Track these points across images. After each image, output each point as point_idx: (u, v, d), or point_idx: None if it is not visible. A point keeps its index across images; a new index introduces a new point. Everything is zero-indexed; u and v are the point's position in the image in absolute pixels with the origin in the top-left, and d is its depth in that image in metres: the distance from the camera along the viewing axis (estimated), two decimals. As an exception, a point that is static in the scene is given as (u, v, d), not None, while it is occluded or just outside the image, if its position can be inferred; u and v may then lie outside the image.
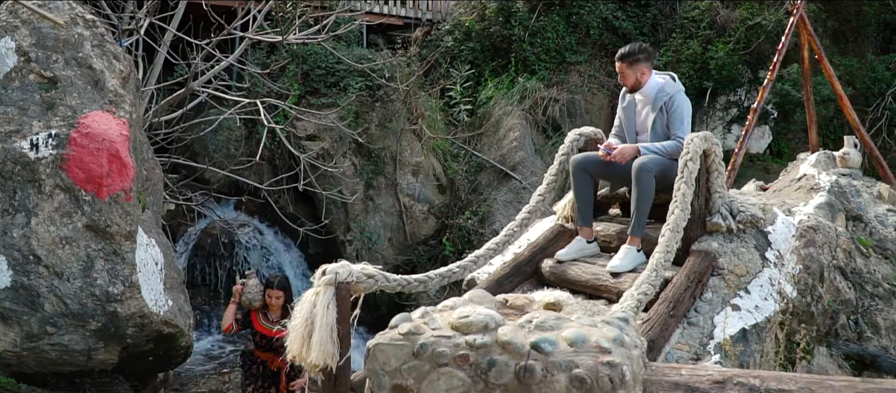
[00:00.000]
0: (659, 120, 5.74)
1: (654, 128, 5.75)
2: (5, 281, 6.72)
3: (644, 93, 5.86)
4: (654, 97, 5.78)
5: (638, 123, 5.93)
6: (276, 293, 7.14)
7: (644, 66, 5.86)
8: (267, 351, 7.16)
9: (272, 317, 7.19)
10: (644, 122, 5.86)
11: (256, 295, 7.15)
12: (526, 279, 5.74)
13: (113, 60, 7.36)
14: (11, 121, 6.89)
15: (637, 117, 5.93)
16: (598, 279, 5.30)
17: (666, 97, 5.71)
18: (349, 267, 5.10)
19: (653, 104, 5.78)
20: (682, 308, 4.69)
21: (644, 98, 5.87)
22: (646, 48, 5.93)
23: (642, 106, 5.90)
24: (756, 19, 13.46)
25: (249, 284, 7.16)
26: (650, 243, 5.40)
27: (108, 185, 6.88)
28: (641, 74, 5.86)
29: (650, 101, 5.82)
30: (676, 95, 5.71)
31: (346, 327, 5.11)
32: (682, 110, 5.70)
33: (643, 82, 5.86)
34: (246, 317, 7.24)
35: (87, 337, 6.97)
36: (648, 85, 5.85)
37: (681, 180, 5.03)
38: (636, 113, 5.95)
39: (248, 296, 7.15)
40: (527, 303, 2.60)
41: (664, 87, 5.78)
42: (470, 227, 11.99)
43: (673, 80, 5.86)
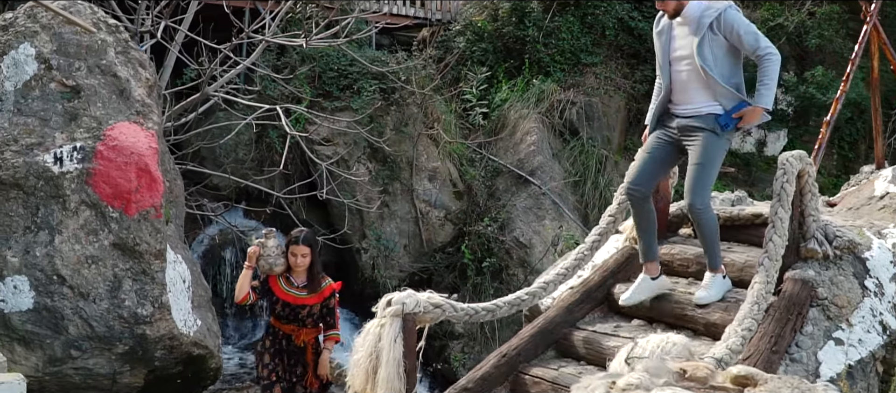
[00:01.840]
0: (709, 42, 5.02)
1: (702, 52, 5.00)
2: (28, 303, 6.42)
3: (684, 14, 5.13)
4: (698, 18, 5.05)
5: (673, 49, 5.21)
6: (301, 250, 6.00)
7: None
8: (291, 322, 6.09)
9: (297, 281, 6.08)
10: (683, 47, 5.14)
11: (277, 259, 5.99)
12: (596, 306, 5.41)
13: (138, 68, 6.98)
14: (32, 132, 6.52)
15: (673, 43, 5.22)
16: (681, 309, 4.98)
17: (715, 14, 5.00)
18: (416, 297, 4.78)
19: (697, 25, 5.05)
20: (783, 343, 4.37)
21: (684, 20, 5.14)
22: None
23: (680, 29, 5.18)
24: (777, 20, 13.18)
25: (269, 246, 6.00)
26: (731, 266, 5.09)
27: (136, 202, 6.53)
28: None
29: (693, 22, 5.08)
30: (728, 11, 5.01)
31: (413, 362, 4.80)
32: (747, 25, 5.03)
33: (684, 3, 5.11)
34: (264, 283, 6.12)
35: (112, 361, 6.67)
36: (690, 6, 5.11)
37: (777, 204, 4.70)
38: (673, 38, 5.23)
39: (267, 260, 5.98)
40: (709, 374, 2.26)
41: (710, 5, 5.06)
42: (490, 234, 11.65)
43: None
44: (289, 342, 6.12)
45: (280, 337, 6.14)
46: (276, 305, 6.07)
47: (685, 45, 5.13)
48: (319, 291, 6.05)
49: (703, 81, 5.06)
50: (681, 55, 5.17)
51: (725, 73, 5.06)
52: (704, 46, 5.02)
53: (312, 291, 6.04)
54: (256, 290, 6.03)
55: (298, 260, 5.98)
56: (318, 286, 6.05)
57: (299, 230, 6.20)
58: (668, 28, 5.26)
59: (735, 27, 4.98)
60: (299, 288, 6.05)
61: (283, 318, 6.08)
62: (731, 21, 4.99)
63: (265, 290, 6.09)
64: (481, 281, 11.56)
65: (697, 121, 5.11)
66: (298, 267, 6.01)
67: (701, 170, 5.02)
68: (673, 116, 5.27)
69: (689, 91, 5.16)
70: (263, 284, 6.08)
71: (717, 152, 5.08)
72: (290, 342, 6.12)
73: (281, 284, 6.05)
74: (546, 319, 5.32)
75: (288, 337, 6.12)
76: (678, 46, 5.18)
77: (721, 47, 5.03)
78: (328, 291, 6.10)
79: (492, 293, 11.44)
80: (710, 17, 5.01)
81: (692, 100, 5.15)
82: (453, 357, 11.36)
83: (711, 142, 5.05)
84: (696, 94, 5.13)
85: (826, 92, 12.74)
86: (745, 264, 5.06)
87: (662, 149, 5.29)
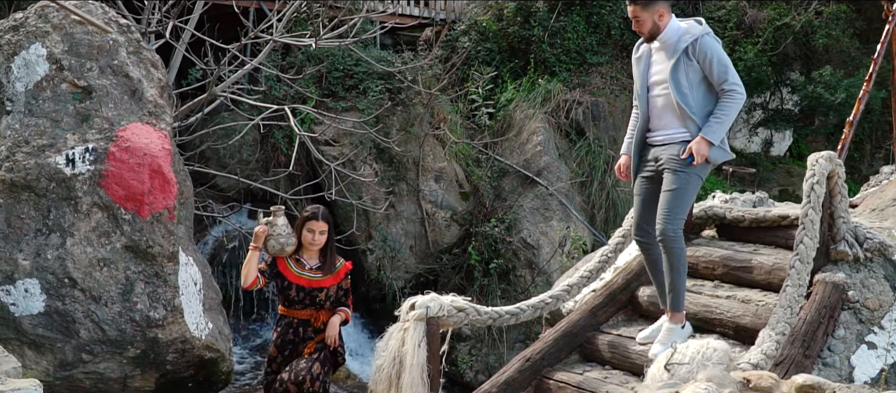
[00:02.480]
0: (684, 68, 4.81)
1: (676, 77, 4.81)
2: (39, 306, 6.32)
3: (661, 38, 4.92)
4: (674, 42, 4.86)
5: (651, 74, 5.02)
6: (320, 226, 5.53)
7: (660, 7, 4.88)
8: (307, 307, 5.60)
9: (309, 262, 5.60)
10: (660, 72, 4.95)
11: (288, 239, 5.48)
12: (621, 309, 5.34)
13: (150, 68, 6.89)
14: (44, 134, 6.43)
15: (651, 68, 5.03)
16: (709, 311, 4.91)
17: (691, 39, 4.80)
18: (439, 300, 4.71)
19: (673, 49, 4.85)
20: (815, 347, 4.30)
21: (661, 44, 4.95)
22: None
23: (657, 53, 4.99)
24: (784, 19, 13.14)
25: (278, 225, 5.46)
26: (759, 269, 5.01)
27: (149, 203, 6.44)
28: (659, 17, 4.88)
29: (669, 46, 4.89)
30: (704, 38, 4.81)
31: (437, 366, 4.73)
32: (721, 55, 4.81)
33: (662, 26, 4.90)
34: (273, 266, 5.61)
35: (123, 364, 6.59)
36: (668, 29, 4.90)
37: (807, 205, 4.63)
38: (651, 64, 5.04)
39: (277, 241, 5.46)
40: (773, 384, 2.20)
41: (688, 30, 4.87)
42: (497, 235, 11.58)
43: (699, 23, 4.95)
44: (306, 329, 5.63)
45: (294, 327, 5.64)
46: (289, 290, 5.58)
47: (662, 70, 4.97)
48: (335, 272, 5.65)
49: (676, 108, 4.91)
50: (657, 80, 5.01)
51: (699, 101, 4.89)
52: (679, 72, 4.86)
53: (328, 272, 5.62)
54: (265, 273, 5.59)
55: (316, 237, 5.52)
56: (333, 266, 5.64)
57: (314, 206, 5.78)
58: (647, 54, 5.10)
59: (709, 55, 4.80)
60: (313, 270, 5.60)
61: (297, 303, 5.59)
62: (707, 48, 4.82)
63: (274, 273, 5.61)
64: (488, 282, 11.49)
65: (671, 147, 4.95)
66: (314, 245, 5.55)
67: (672, 197, 4.85)
68: (649, 147, 5.11)
69: (664, 117, 5.01)
70: (272, 267, 5.61)
71: (689, 178, 4.87)
72: (308, 328, 5.63)
73: (291, 267, 5.59)
74: (570, 323, 5.25)
75: (304, 323, 5.63)
76: (655, 72, 5.03)
77: (696, 74, 4.86)
78: (343, 271, 5.71)
79: (499, 295, 11.39)
80: (686, 42, 4.84)
81: (666, 126, 5.00)
82: (460, 359, 11.29)
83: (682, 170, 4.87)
84: (671, 121, 4.97)
85: (834, 92, 12.71)
86: (773, 267, 4.99)
87: (649, 189, 5.10)
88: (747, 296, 4.99)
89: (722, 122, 4.79)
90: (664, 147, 4.98)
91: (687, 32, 4.88)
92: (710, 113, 4.85)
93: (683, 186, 4.85)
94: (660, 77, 4.98)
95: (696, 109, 4.86)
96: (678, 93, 4.84)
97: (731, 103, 4.79)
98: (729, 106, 4.79)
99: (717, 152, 4.85)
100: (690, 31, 4.87)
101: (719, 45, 4.89)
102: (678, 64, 4.83)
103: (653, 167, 5.05)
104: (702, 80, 4.87)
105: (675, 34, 4.90)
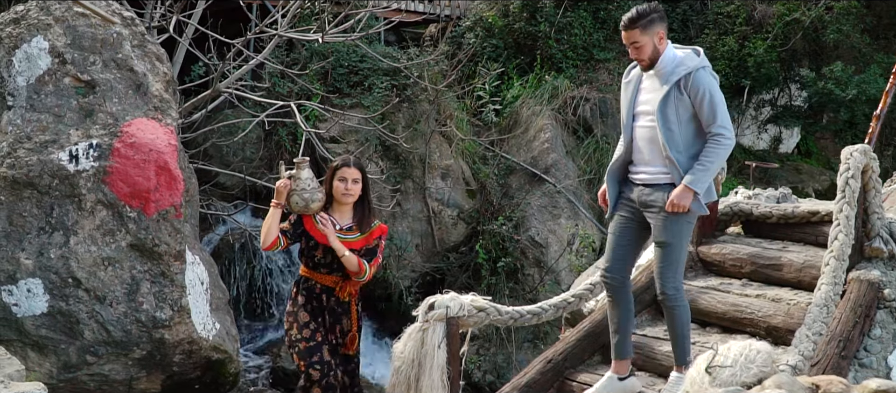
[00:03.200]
0: (674, 101, 4.36)
1: (665, 110, 4.36)
2: (41, 306, 6.17)
3: (658, 66, 4.46)
4: (668, 72, 4.40)
5: (638, 102, 4.57)
6: (352, 173, 4.84)
7: (660, 28, 4.43)
8: (333, 272, 4.87)
9: (340, 220, 4.86)
10: (649, 101, 4.49)
11: (313, 193, 4.81)
12: (644, 308, 5.19)
13: (155, 62, 6.73)
14: (46, 129, 6.27)
15: (639, 95, 4.58)
16: (739, 310, 4.74)
17: (685, 71, 4.34)
18: (459, 300, 4.57)
19: (665, 78, 4.40)
20: (852, 347, 4.15)
21: (655, 71, 4.48)
22: (659, 7, 4.51)
23: (649, 80, 4.54)
24: (794, 15, 12.98)
25: (302, 178, 4.83)
26: (789, 267, 4.85)
27: (155, 201, 6.29)
28: (659, 39, 4.43)
29: (663, 75, 4.43)
30: (700, 72, 4.35)
31: (457, 368, 4.60)
32: (715, 94, 4.36)
33: (662, 49, 4.43)
34: (297, 225, 4.89)
35: (129, 366, 6.45)
36: (664, 56, 4.44)
37: (842, 201, 4.47)
38: (640, 90, 4.58)
39: (301, 196, 4.80)
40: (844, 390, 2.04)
41: (683, 61, 4.41)
42: (505, 233, 11.41)
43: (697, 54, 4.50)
44: (329, 297, 4.90)
45: (317, 292, 4.91)
46: (315, 250, 4.85)
47: (650, 99, 4.51)
48: (369, 232, 4.92)
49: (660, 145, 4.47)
50: (645, 109, 4.56)
51: (686, 140, 4.45)
52: (668, 105, 4.40)
53: (363, 231, 4.90)
54: (287, 233, 4.86)
55: (349, 186, 4.82)
56: (369, 224, 4.92)
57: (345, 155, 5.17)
58: (638, 80, 4.65)
59: (702, 90, 4.36)
60: (345, 230, 4.87)
61: (322, 266, 4.87)
62: (701, 83, 4.37)
63: (298, 232, 4.88)
64: (496, 281, 11.33)
65: (656, 192, 4.52)
66: (349, 196, 4.84)
67: (667, 250, 4.46)
68: (632, 185, 4.68)
69: (647, 152, 4.56)
70: (296, 225, 4.88)
71: (681, 227, 4.46)
72: (331, 297, 4.90)
73: (319, 225, 4.86)
74: (592, 323, 5.09)
75: (328, 291, 4.89)
76: (644, 100, 4.58)
77: (686, 109, 4.41)
78: (378, 233, 4.99)
79: (507, 294, 11.23)
80: (680, 74, 4.39)
81: (649, 163, 4.57)
82: (468, 359, 11.10)
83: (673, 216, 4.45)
84: (654, 158, 4.53)
85: (845, 88, 12.56)
86: (805, 265, 4.85)
87: (628, 231, 4.72)
88: (777, 295, 4.84)
89: (707, 170, 4.37)
90: (648, 189, 4.56)
91: (682, 63, 4.43)
92: (696, 155, 4.42)
93: (678, 238, 4.46)
94: (647, 107, 4.53)
95: (682, 148, 4.43)
96: (664, 128, 4.40)
97: (718, 149, 4.38)
98: (716, 152, 4.37)
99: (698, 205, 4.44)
100: (685, 63, 4.43)
101: (715, 82, 4.47)
102: (668, 97, 4.38)
103: (633, 208, 4.66)
104: (692, 118, 4.44)
105: (671, 63, 4.45)
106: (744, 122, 14.03)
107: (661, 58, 4.45)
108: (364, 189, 4.90)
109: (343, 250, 4.74)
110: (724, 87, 12.98)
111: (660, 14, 4.49)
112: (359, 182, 4.86)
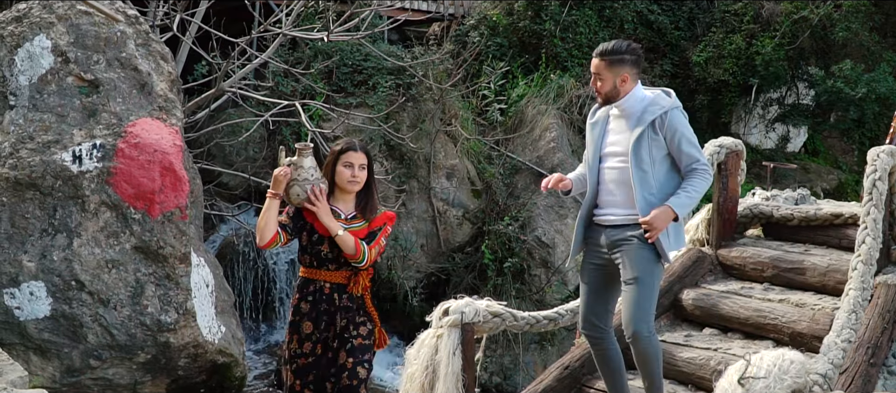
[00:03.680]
0: (648, 142, 4.30)
1: (639, 151, 4.29)
2: (44, 310, 6.09)
3: (622, 106, 4.37)
4: (639, 112, 4.33)
5: (606, 143, 4.45)
6: (359, 158, 4.41)
7: (627, 71, 4.34)
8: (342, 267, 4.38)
9: (344, 210, 4.41)
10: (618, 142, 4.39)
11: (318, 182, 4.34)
12: (662, 313, 5.06)
13: (160, 61, 6.62)
14: (49, 129, 6.16)
15: (607, 136, 4.46)
16: (762, 316, 4.62)
17: (660, 112, 4.31)
18: (474, 305, 4.46)
19: (638, 118, 4.33)
20: (881, 354, 4.04)
21: (621, 112, 4.38)
22: (635, 49, 4.43)
23: (616, 121, 4.43)
24: (801, 13, 12.85)
25: (304, 166, 4.31)
26: (813, 271, 4.73)
27: (160, 202, 6.18)
28: (622, 81, 4.33)
29: (633, 115, 4.35)
30: (674, 112, 4.34)
31: (472, 375, 4.48)
32: (688, 132, 4.34)
33: (622, 92, 4.34)
34: (297, 218, 4.39)
35: (133, 370, 6.37)
36: (631, 97, 4.36)
37: (869, 203, 4.36)
38: (607, 132, 4.46)
39: (302, 186, 4.28)
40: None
41: (655, 101, 4.37)
42: (510, 233, 11.28)
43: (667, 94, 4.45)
44: (341, 296, 4.41)
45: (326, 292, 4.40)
46: (320, 245, 4.36)
47: (621, 140, 4.39)
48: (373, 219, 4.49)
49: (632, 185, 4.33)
50: (614, 151, 4.41)
51: (660, 180, 4.35)
52: (642, 146, 4.30)
53: (367, 220, 4.46)
54: (287, 228, 4.37)
55: (356, 172, 4.36)
56: (374, 211, 4.49)
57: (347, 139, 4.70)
58: (604, 121, 4.50)
59: (678, 132, 4.31)
60: (350, 219, 4.40)
61: (330, 262, 4.38)
62: (676, 124, 4.32)
63: (299, 226, 4.39)
64: (502, 282, 11.19)
65: (627, 230, 4.35)
66: (355, 183, 4.38)
67: (638, 289, 4.26)
68: (599, 229, 4.46)
69: (616, 194, 4.40)
70: (295, 219, 4.39)
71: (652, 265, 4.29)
72: (343, 294, 4.41)
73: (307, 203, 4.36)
74: (609, 328, 4.95)
75: (339, 288, 4.41)
76: (612, 142, 4.43)
77: (660, 149, 4.33)
78: (383, 219, 4.54)
79: (513, 295, 11.10)
80: (654, 114, 4.32)
81: (618, 204, 4.40)
82: (474, 361, 11.00)
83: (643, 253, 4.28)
84: (624, 199, 4.38)
85: (854, 86, 12.43)
86: (829, 269, 4.73)
87: (599, 279, 4.51)
88: (801, 299, 4.72)
89: (692, 198, 4.28)
90: (616, 230, 4.39)
91: (654, 103, 4.36)
92: (668, 195, 4.31)
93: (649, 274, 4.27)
94: (617, 148, 4.39)
95: (655, 190, 4.33)
96: (637, 169, 4.30)
97: (701, 182, 4.27)
98: (700, 184, 4.27)
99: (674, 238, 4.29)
100: (658, 103, 4.36)
101: (686, 121, 4.41)
102: (642, 137, 4.30)
103: (603, 254, 4.45)
104: (665, 158, 4.36)
105: (640, 103, 4.36)
106: (751, 121, 13.91)
107: (629, 97, 4.35)
108: (370, 174, 4.48)
109: (337, 228, 4.28)
110: (732, 85, 13.00)
111: (633, 57, 4.38)
112: (365, 168, 4.42)
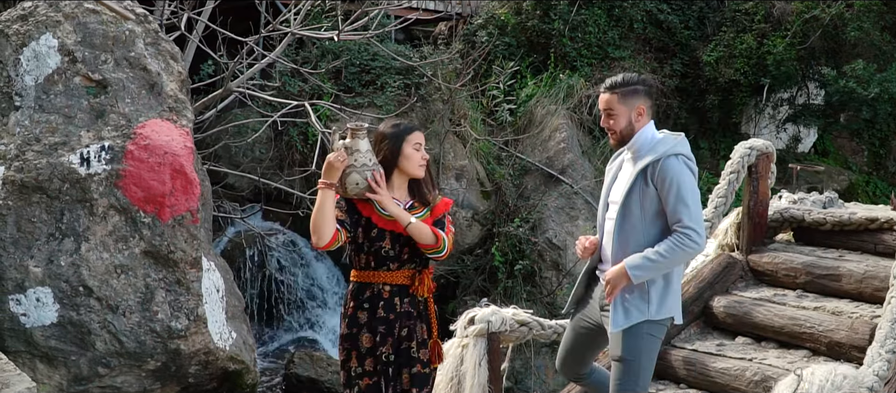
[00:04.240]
0: (639, 193, 3.77)
1: (628, 203, 3.79)
2: (51, 316, 5.94)
3: (633, 146, 3.86)
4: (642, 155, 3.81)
5: (612, 190, 3.98)
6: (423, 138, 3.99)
7: (642, 102, 3.81)
8: (404, 265, 3.88)
9: (400, 200, 3.89)
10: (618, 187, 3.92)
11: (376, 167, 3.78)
12: (693, 321, 4.91)
13: (170, 61, 6.47)
14: (56, 131, 6.01)
15: (614, 182, 3.98)
16: (797, 325, 4.47)
17: (653, 158, 3.74)
18: (501, 313, 4.32)
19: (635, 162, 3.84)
20: (925, 366, 3.87)
21: (632, 154, 3.88)
22: (647, 80, 3.97)
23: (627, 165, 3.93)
24: (812, 12, 12.71)
25: (361, 150, 3.75)
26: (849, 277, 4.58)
27: (171, 206, 6.03)
28: (638, 115, 3.81)
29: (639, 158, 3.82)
30: (669, 160, 3.72)
31: (499, 386, 4.31)
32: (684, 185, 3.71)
33: (637, 128, 3.81)
34: (351, 211, 3.83)
35: (142, 378, 6.22)
36: (641, 135, 3.82)
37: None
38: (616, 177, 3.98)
39: (361, 173, 3.71)
40: None
41: (656, 146, 3.80)
42: (521, 235, 11.15)
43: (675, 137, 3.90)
44: (403, 300, 3.88)
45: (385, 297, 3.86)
46: (381, 241, 3.82)
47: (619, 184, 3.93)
48: (434, 206, 4.02)
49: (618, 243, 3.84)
50: (614, 199, 3.93)
51: (650, 239, 3.77)
52: (632, 197, 3.79)
53: (428, 207, 3.99)
54: (344, 224, 3.78)
55: (425, 154, 3.93)
56: (434, 197, 4.03)
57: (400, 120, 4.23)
58: (619, 166, 4.01)
59: (670, 179, 3.70)
60: (409, 210, 3.88)
61: (392, 260, 3.84)
62: (669, 171, 3.71)
63: (355, 221, 3.82)
64: (513, 284, 11.06)
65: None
66: (423, 167, 3.91)
67: (625, 367, 3.78)
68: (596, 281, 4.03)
69: (608, 249, 3.92)
70: (350, 212, 3.82)
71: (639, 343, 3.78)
72: (405, 298, 3.89)
73: (378, 208, 3.82)
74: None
75: (401, 291, 3.87)
76: (616, 188, 3.95)
77: (652, 203, 3.77)
78: (443, 206, 4.05)
79: (524, 297, 10.97)
80: (647, 161, 3.75)
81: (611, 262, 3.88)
82: (483, 365, 10.86)
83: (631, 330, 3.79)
84: (616, 257, 3.83)
85: (867, 86, 12.29)
86: (866, 275, 4.58)
87: (586, 331, 4.10)
88: (837, 307, 4.57)
89: (655, 265, 3.67)
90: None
91: (654, 148, 3.80)
92: None
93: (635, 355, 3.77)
94: (616, 196, 3.90)
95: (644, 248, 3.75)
96: (625, 222, 3.79)
97: (678, 250, 3.66)
98: (674, 251, 3.66)
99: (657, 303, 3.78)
100: (657, 148, 3.79)
101: (688, 171, 3.76)
102: (634, 187, 3.77)
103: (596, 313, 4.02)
104: (659, 214, 3.77)
105: (647, 144, 3.83)
106: (761, 122, 13.79)
107: (638, 137, 3.83)
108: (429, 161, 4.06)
109: (407, 217, 3.77)
110: (743, 85, 12.86)
111: (647, 88, 3.89)
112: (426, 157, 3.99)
